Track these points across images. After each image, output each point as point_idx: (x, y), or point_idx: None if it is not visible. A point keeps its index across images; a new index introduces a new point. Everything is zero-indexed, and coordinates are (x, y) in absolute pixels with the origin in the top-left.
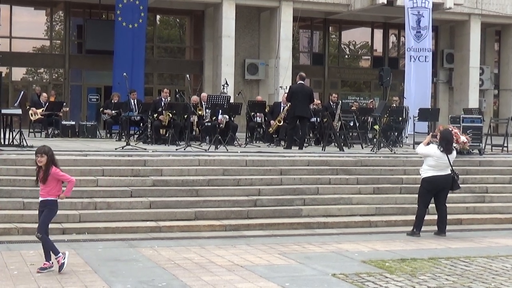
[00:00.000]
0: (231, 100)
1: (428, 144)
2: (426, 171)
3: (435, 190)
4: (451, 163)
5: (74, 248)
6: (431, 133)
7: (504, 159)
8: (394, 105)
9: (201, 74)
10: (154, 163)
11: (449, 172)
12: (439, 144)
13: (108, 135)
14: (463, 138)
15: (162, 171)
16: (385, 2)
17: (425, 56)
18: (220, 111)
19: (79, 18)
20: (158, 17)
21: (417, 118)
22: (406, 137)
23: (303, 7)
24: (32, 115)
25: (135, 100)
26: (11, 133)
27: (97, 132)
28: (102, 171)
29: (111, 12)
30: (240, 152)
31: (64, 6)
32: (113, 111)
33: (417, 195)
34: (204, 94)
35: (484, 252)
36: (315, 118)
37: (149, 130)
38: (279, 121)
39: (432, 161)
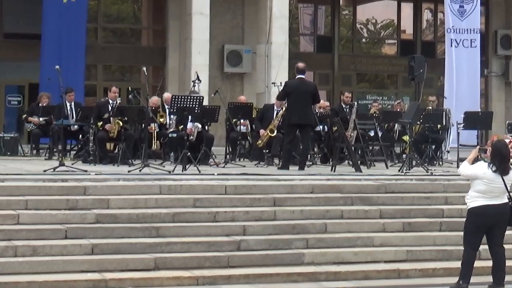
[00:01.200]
0: (205, 102)
1: (474, 161)
2: (474, 200)
3: (487, 226)
4: (508, 188)
5: None
6: (478, 146)
7: None
8: (431, 107)
9: (164, 66)
10: (97, 190)
11: (506, 200)
12: (491, 161)
13: (35, 151)
14: None
15: (109, 202)
16: None
17: (472, 40)
18: (190, 117)
19: None
20: None
21: (462, 125)
22: (448, 152)
23: None
24: None
25: (72, 103)
26: None
27: (19, 148)
28: (26, 202)
29: None
30: (218, 174)
31: None
32: (41, 119)
33: (462, 233)
34: (167, 94)
35: None
36: (321, 127)
37: (91, 144)
38: (272, 131)
39: (481, 185)
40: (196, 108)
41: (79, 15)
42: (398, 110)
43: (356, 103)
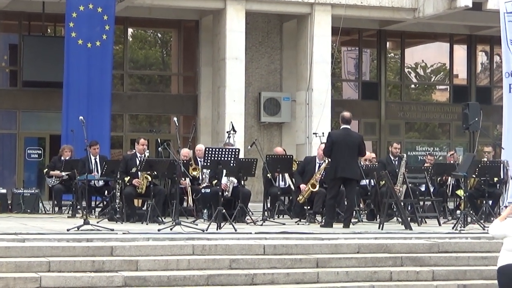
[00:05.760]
0: (241, 155)
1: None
2: (501, 258)
3: None
4: None
5: None
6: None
7: None
8: (487, 159)
9: (195, 115)
10: (125, 251)
11: None
12: None
13: (57, 208)
14: None
15: (138, 264)
16: (470, 5)
17: None
18: (225, 171)
19: (13, 34)
20: (130, 31)
21: None
22: (506, 207)
23: (347, 14)
24: None
25: (97, 157)
26: None
27: (40, 205)
28: (48, 264)
29: (60, 25)
30: (255, 233)
31: None
32: (63, 173)
33: None
34: (200, 146)
35: None
36: (367, 181)
37: (117, 200)
38: (313, 186)
39: (510, 243)
40: (232, 161)
41: (104, 61)
42: (452, 162)
43: (405, 155)
